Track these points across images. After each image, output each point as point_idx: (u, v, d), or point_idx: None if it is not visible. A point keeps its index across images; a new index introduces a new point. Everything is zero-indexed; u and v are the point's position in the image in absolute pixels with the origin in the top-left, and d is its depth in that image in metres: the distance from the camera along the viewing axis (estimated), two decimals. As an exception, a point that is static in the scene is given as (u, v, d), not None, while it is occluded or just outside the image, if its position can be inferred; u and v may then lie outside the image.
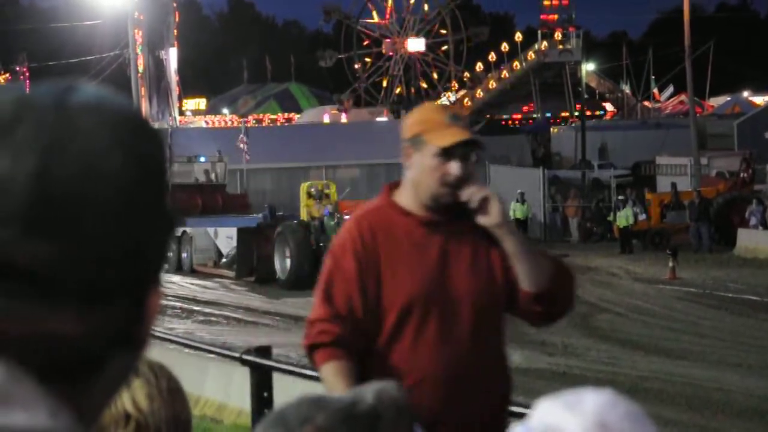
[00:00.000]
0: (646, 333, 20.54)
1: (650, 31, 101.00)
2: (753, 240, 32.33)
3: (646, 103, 77.86)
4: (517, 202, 38.11)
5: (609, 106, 78.69)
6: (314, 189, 29.79)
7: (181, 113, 68.80)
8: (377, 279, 3.59)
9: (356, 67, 68.94)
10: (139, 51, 52.24)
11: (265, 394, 7.88)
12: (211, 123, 69.11)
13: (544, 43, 69.35)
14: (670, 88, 76.87)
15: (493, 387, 3.68)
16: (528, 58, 69.12)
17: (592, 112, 73.23)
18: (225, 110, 79.05)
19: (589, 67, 72.73)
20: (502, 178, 42.23)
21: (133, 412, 2.47)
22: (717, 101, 77.83)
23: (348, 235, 3.66)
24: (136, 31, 51.04)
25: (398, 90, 68.75)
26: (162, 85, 60.50)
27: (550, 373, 16.79)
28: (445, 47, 69.58)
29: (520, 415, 2.50)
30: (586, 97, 70.13)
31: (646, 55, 77.13)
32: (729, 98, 76.92)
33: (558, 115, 72.31)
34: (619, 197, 36.86)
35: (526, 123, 71.04)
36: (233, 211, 33.14)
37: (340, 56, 68.62)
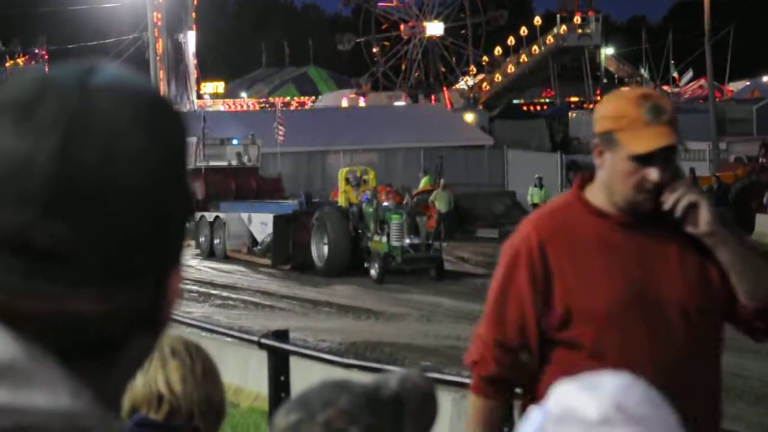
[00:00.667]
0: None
1: (670, 15, 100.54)
2: (772, 225, 32.24)
3: (665, 87, 77.51)
4: (534, 186, 38.05)
5: (628, 91, 78.34)
6: (352, 175, 29.16)
7: (199, 97, 68.88)
8: (563, 290, 3.09)
9: (374, 51, 68.84)
10: (157, 34, 52.31)
11: (282, 378, 7.90)
12: (230, 107, 69.16)
13: (563, 27, 69.09)
14: (690, 73, 76.50)
15: (705, 407, 3.26)
16: (547, 42, 68.89)
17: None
18: (243, 94, 79.07)
19: (608, 51, 72.48)
20: (520, 163, 42.17)
21: (167, 393, 2.48)
22: (736, 86, 77.46)
23: (524, 241, 3.15)
24: (155, 14, 51.10)
25: (416, 74, 68.65)
26: (180, 68, 60.55)
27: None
28: (463, 31, 69.40)
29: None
30: (605, 81, 69.88)
31: (665, 40, 76.80)
32: (748, 83, 76.51)
33: (577, 99, 72.07)
34: (637, 182, 36.75)
35: (545, 107, 70.81)
36: (267, 196, 32.66)
37: (358, 40, 68.53)
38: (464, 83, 69.57)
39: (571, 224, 3.15)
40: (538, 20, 70.53)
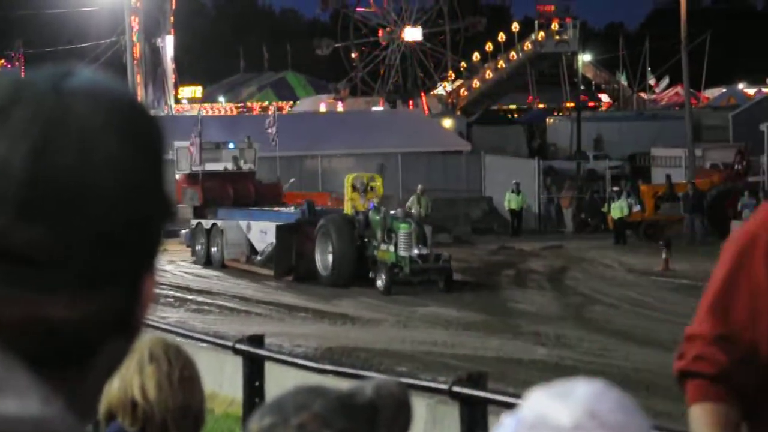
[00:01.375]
0: (638, 324, 20.58)
1: (647, 22, 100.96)
2: (747, 232, 32.38)
3: (642, 94, 77.86)
4: (512, 192, 38.12)
5: (605, 97, 78.68)
6: (359, 182, 27.89)
7: (177, 101, 68.68)
8: None
9: (353, 56, 68.80)
10: (135, 38, 52.15)
11: (256, 384, 7.88)
12: (208, 111, 68.98)
13: (541, 33, 69.25)
14: (666, 80, 76.87)
15: None
16: (524, 48, 69.02)
17: (588, 103, 73.25)
18: (221, 98, 78.90)
19: (585, 57, 72.68)
20: (497, 169, 42.23)
21: (141, 400, 2.45)
22: (712, 93, 77.88)
23: (764, 224, 2.63)
24: (133, 18, 50.95)
25: (395, 79, 68.67)
26: (158, 72, 60.36)
27: (542, 363, 16.82)
28: (441, 37, 69.47)
29: (512, 406, 2.49)
30: (583, 87, 70.10)
31: (642, 47, 77.14)
32: (724, 90, 76.95)
33: (554, 105, 72.28)
34: (613, 188, 36.89)
35: (523, 113, 70.99)
36: (266, 202, 31.37)
37: (336, 45, 68.48)
38: (442, 89, 69.63)
39: None
40: (516, 26, 70.67)
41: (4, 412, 0.91)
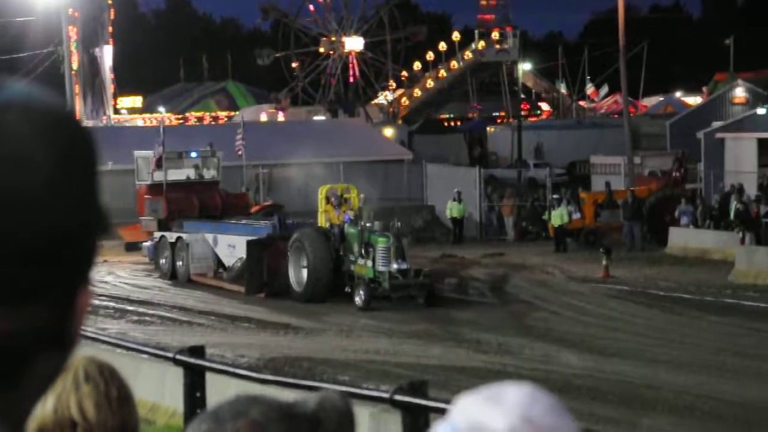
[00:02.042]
0: (579, 331, 20.73)
1: (585, 31, 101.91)
2: (683, 239, 32.77)
3: (582, 102, 78.56)
4: (453, 200, 38.25)
5: (545, 106, 79.28)
6: (333, 194, 26.97)
7: (116, 111, 68.12)
8: None
9: (294, 65, 68.72)
10: (73, 48, 51.66)
11: (198, 395, 7.84)
12: (147, 121, 68.46)
13: (481, 43, 69.67)
14: (605, 88, 77.61)
15: None
16: (465, 57, 69.38)
17: (528, 112, 73.76)
18: (161, 108, 78.36)
19: (525, 66, 73.20)
20: (439, 177, 42.37)
21: (80, 420, 2.42)
22: (650, 101, 78.75)
23: None
24: (70, 27, 50.45)
25: (336, 89, 68.68)
26: (96, 82, 59.85)
27: (485, 371, 16.88)
28: (383, 46, 69.61)
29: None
30: (523, 96, 70.62)
31: (581, 56, 77.85)
32: (662, 98, 77.84)
33: (495, 114, 72.67)
34: (554, 196, 37.15)
35: (464, 122, 71.32)
36: (233, 213, 30.41)
37: (277, 55, 68.36)
38: (384, 98, 69.75)
39: None
40: (456, 36, 71.02)
41: None
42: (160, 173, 30.97)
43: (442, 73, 69.34)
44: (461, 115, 72.93)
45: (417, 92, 69.17)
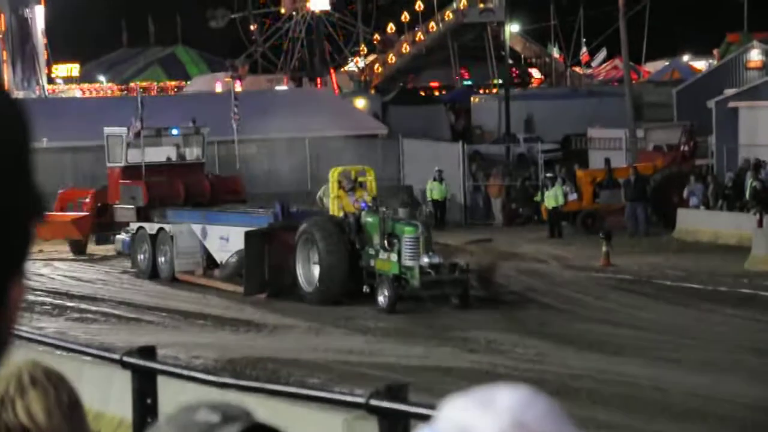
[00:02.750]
0: (577, 327, 20.83)
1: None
2: (693, 221, 32.92)
3: (577, 68, 78.69)
4: (434, 180, 38.31)
5: (536, 73, 79.38)
6: (346, 177, 25.48)
7: (51, 81, 67.80)
8: None
9: (252, 28, 68.57)
10: None
11: (148, 401, 7.85)
12: (85, 92, 68.21)
13: (463, 2, 69.70)
14: (603, 52, 77.72)
15: None
16: (445, 18, 69.41)
17: (516, 80, 73.82)
18: (101, 77, 78.06)
19: (513, 28, 73.25)
20: (417, 155, 42.40)
21: (31, 426, 2.44)
22: (654, 66, 78.94)
23: None
24: (-3, -14, 50.14)
25: (299, 55, 68.56)
26: (27, 48, 59.49)
27: (472, 372, 16.96)
28: (352, 6, 69.53)
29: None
30: (511, 62, 70.64)
31: (576, 16, 77.91)
32: (667, 63, 78.05)
33: (480, 82, 72.75)
34: (547, 175, 37.25)
35: (445, 92, 71.37)
36: (224, 200, 29.36)
37: (233, 16, 68.21)
38: (354, 65, 69.69)
39: None
40: (435, -6, 71.06)
41: None
42: (136, 153, 29.86)
43: (419, 36, 69.35)
44: (443, 84, 72.99)
45: (391, 58, 69.16)
